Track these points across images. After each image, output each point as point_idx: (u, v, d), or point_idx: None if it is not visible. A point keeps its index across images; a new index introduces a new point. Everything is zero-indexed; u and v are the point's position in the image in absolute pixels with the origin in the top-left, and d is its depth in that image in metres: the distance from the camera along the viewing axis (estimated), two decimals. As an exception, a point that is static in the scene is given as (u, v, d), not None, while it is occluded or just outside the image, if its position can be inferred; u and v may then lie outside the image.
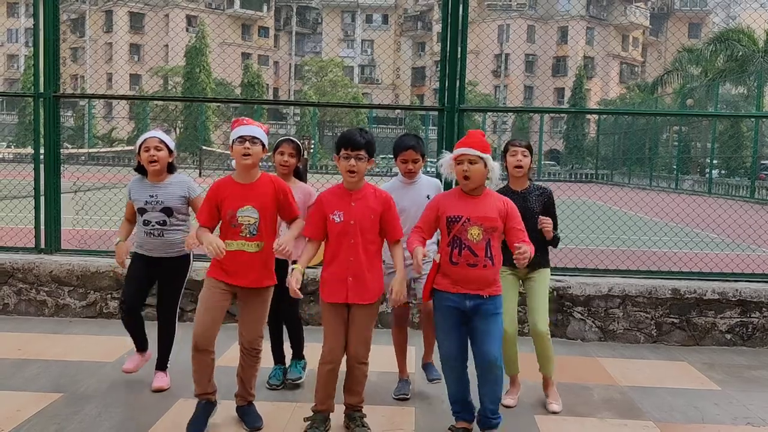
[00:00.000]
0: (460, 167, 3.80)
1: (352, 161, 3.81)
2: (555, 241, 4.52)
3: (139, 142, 4.54)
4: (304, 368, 4.87)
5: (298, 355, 4.89)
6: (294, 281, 3.81)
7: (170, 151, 4.54)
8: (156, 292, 4.73)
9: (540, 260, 4.44)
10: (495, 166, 3.86)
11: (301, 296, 3.96)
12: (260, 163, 4.03)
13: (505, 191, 4.49)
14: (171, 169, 4.59)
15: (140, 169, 4.58)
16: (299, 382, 4.76)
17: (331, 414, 4.01)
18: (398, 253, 3.95)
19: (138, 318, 4.73)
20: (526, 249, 3.67)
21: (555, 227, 4.51)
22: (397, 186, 4.56)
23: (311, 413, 3.99)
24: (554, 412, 4.48)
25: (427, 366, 4.74)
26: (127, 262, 4.69)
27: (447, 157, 3.91)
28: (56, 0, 6.58)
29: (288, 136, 4.81)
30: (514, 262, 3.70)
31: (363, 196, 3.89)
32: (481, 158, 3.78)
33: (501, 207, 3.84)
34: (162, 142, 4.50)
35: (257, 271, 3.95)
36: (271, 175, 4.10)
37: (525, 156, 4.50)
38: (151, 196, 4.50)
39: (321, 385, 3.93)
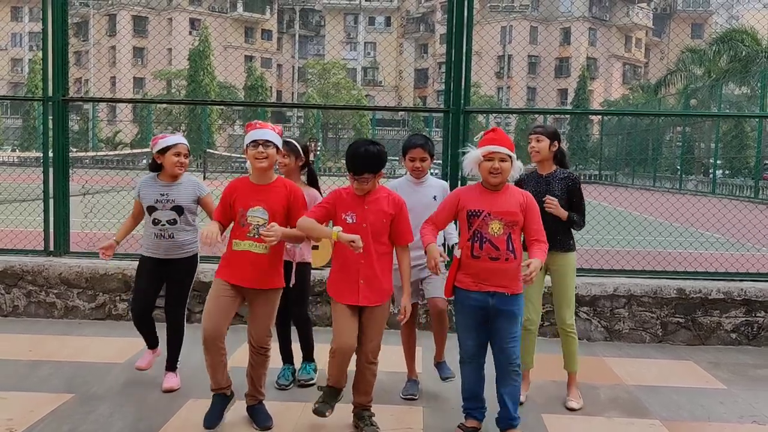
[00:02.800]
0: (490, 164, 3.83)
1: (362, 183, 3.86)
2: (573, 223, 4.57)
3: (165, 143, 4.57)
4: (315, 370, 4.91)
5: (308, 357, 4.92)
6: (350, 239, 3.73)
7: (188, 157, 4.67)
8: (164, 293, 4.78)
9: (563, 243, 4.54)
10: (518, 165, 3.94)
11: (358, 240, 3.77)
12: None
13: (531, 175, 4.60)
14: None
15: (154, 168, 4.64)
16: (311, 383, 4.79)
17: (342, 389, 4.04)
18: (405, 259, 4.00)
19: (149, 321, 4.80)
20: (533, 267, 3.70)
21: (581, 212, 4.58)
22: (404, 185, 4.61)
23: (325, 385, 4.03)
24: (571, 409, 4.53)
25: (439, 365, 4.76)
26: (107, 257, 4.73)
27: (475, 152, 3.89)
28: (65, 4, 6.64)
29: (290, 139, 4.81)
30: (523, 277, 3.74)
31: (376, 199, 3.93)
32: (511, 157, 3.85)
33: (521, 201, 3.89)
34: (188, 149, 4.62)
35: (264, 273, 3.98)
36: (287, 180, 4.14)
37: (539, 141, 4.55)
38: (162, 195, 4.57)
39: (335, 370, 3.94)
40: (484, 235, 3.82)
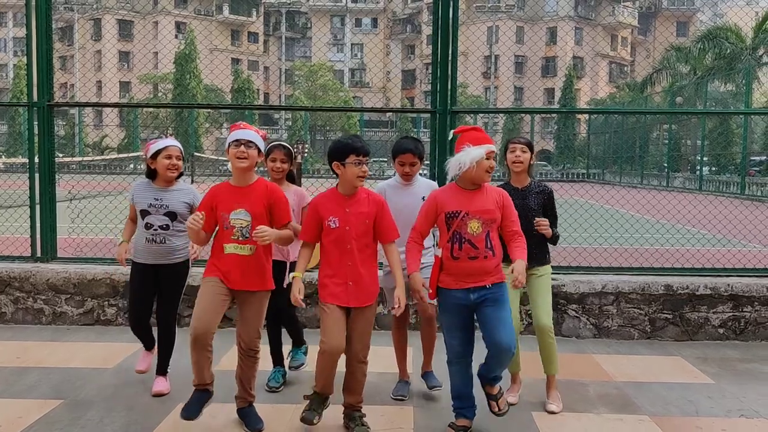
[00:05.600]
0: (488, 162, 3.84)
1: (365, 167, 3.89)
2: (554, 239, 4.58)
3: (156, 147, 4.57)
4: (305, 353, 4.94)
5: (297, 342, 4.95)
6: (297, 291, 3.90)
7: (184, 160, 4.66)
8: (156, 297, 4.76)
9: (540, 257, 4.55)
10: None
11: (303, 305, 4.02)
12: (255, 168, 4.08)
13: (506, 187, 4.58)
14: (178, 175, 4.67)
15: (149, 174, 4.63)
16: (302, 366, 4.84)
17: (330, 396, 4.05)
18: (393, 254, 4.02)
19: (147, 325, 4.80)
20: (518, 271, 3.79)
21: (554, 225, 4.57)
22: (394, 186, 4.62)
23: (311, 392, 4.04)
24: (552, 412, 4.50)
25: (426, 374, 4.76)
26: (128, 267, 4.72)
27: (478, 150, 3.82)
28: (49, 10, 6.61)
29: (280, 141, 4.84)
30: (512, 283, 3.80)
31: (357, 200, 3.95)
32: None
33: (498, 199, 3.91)
34: (181, 152, 4.62)
35: (251, 274, 3.98)
36: (267, 181, 4.14)
37: (524, 152, 4.53)
38: (156, 199, 4.56)
39: (323, 373, 3.94)
40: (463, 235, 3.83)
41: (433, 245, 4.62)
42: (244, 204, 3.95)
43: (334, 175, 4.00)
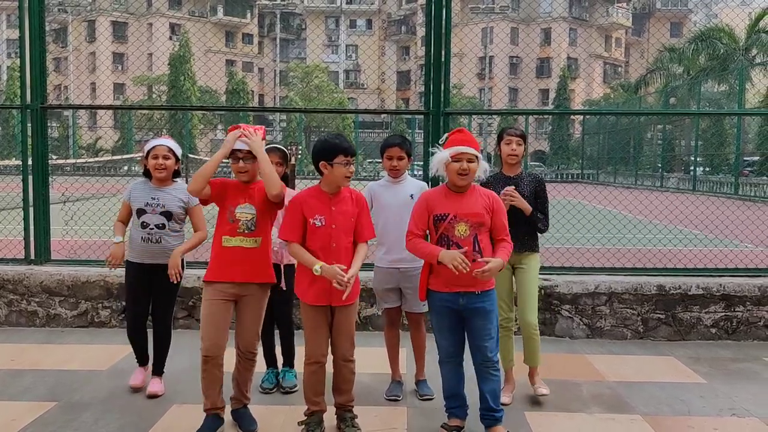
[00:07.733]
0: (458, 165, 3.82)
1: (351, 167, 3.90)
2: (538, 221, 4.61)
3: (147, 147, 4.63)
4: (296, 376, 4.92)
5: (289, 363, 4.94)
6: (341, 274, 3.76)
7: (177, 159, 4.64)
8: (152, 298, 4.77)
9: (529, 244, 4.61)
10: (484, 165, 3.95)
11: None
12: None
13: (497, 177, 4.64)
14: (175, 174, 4.68)
15: (147, 173, 4.65)
16: (295, 390, 4.79)
17: (324, 414, 4.05)
18: (362, 251, 3.99)
19: (143, 331, 4.79)
20: (490, 265, 3.71)
21: (545, 211, 4.65)
22: (383, 185, 4.66)
23: (304, 417, 4.04)
24: (543, 395, 4.61)
25: (419, 383, 4.78)
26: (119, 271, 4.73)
27: (443, 154, 3.87)
28: (42, 12, 6.61)
29: (274, 143, 4.86)
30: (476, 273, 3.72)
31: (342, 199, 3.96)
32: (477, 157, 3.86)
33: (487, 202, 3.91)
34: (170, 150, 4.61)
35: (255, 266, 4.01)
36: None
37: (519, 145, 4.62)
38: (153, 198, 4.58)
39: (309, 386, 3.99)
40: (451, 238, 3.84)
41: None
42: (248, 198, 4.00)
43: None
